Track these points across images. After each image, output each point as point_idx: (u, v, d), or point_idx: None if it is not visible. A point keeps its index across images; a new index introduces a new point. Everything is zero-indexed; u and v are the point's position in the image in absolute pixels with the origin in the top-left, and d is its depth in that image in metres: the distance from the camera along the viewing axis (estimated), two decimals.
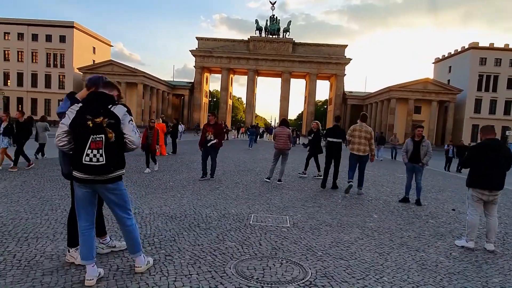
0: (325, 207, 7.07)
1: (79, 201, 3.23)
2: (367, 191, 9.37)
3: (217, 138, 9.56)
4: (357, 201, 7.91)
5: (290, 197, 7.92)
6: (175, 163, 13.33)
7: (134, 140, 3.22)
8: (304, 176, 11.45)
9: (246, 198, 7.45)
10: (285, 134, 9.94)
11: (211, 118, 9.82)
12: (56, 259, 3.77)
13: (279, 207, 6.77)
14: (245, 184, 9.25)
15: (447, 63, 67.36)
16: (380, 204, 7.75)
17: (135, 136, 3.24)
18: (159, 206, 6.38)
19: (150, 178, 9.58)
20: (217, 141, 9.51)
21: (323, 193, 8.72)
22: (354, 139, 8.53)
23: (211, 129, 9.49)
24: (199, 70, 68.42)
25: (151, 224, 5.22)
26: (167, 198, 7.06)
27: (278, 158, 10.15)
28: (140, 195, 7.24)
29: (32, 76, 64.95)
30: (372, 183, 10.89)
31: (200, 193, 7.73)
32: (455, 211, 7.66)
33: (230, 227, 5.27)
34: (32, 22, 64.62)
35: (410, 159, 8.09)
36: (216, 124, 9.72)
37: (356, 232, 5.44)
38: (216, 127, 9.62)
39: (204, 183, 9.09)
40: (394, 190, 9.81)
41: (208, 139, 9.40)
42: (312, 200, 7.68)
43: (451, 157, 19.27)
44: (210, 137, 9.43)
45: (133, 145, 3.24)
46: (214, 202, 6.94)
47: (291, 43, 66.36)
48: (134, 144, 3.24)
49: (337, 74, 66.85)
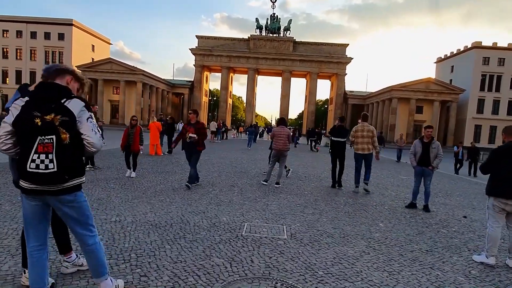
0: (326, 214, 6.49)
1: (27, 216, 2.64)
2: (370, 195, 8.81)
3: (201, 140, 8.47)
4: (360, 207, 7.33)
5: (289, 202, 7.34)
6: (169, 164, 12.76)
7: (94, 142, 2.62)
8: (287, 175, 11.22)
9: (241, 204, 6.87)
10: (285, 134, 9.34)
11: (192, 116, 8.54)
12: (11, 281, 3.19)
13: (275, 214, 6.19)
14: (241, 187, 8.66)
15: (450, 62, 66.62)
16: (386, 211, 7.17)
17: (95, 136, 2.63)
18: (144, 212, 5.80)
19: (139, 179, 9.00)
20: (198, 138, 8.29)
21: (324, 197, 8.14)
22: (357, 139, 8.90)
23: (192, 128, 8.35)
24: (199, 69, 67.78)
25: (131, 235, 4.64)
26: (155, 203, 6.48)
27: (277, 160, 9.58)
28: (126, 200, 6.66)
29: (30, 74, 64.43)
30: (376, 185, 10.30)
31: (191, 198, 7.15)
32: (466, 218, 7.08)
33: (220, 239, 4.69)
34: (31, 19, 64.11)
35: (419, 162, 7.51)
36: (197, 123, 8.50)
37: (361, 244, 4.86)
38: (197, 126, 8.42)
39: (196, 186, 8.52)
40: (399, 194, 9.23)
41: (188, 141, 8.31)
42: (312, 206, 7.10)
43: (461, 160, 18.52)
44: (190, 138, 8.29)
45: (92, 148, 2.63)
46: (205, 208, 6.36)
47: (292, 42, 65.68)
48: (94, 147, 2.64)
49: (338, 74, 66.16)
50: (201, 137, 8.38)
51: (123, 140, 9.82)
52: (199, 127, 8.36)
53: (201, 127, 8.43)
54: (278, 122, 10.02)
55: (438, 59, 72.06)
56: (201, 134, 8.37)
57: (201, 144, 8.43)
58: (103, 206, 6.05)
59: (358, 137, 8.85)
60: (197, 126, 8.38)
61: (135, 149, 9.77)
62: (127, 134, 9.85)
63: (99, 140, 2.67)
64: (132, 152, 9.75)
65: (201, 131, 8.37)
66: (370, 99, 65.45)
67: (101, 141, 2.70)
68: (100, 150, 2.75)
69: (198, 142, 8.32)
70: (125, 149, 9.82)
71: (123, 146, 9.85)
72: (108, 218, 5.36)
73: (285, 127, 9.59)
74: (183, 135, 8.47)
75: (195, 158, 8.51)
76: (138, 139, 9.83)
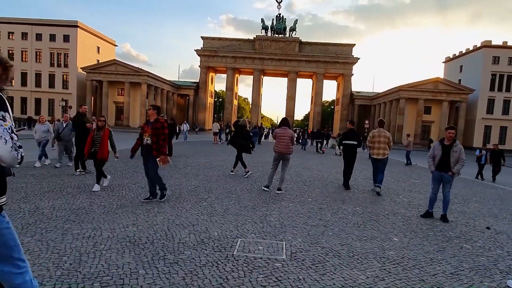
0: (332, 226, 5.75)
1: None
2: (381, 202, 8.06)
3: (155, 144, 6.55)
4: (371, 217, 6.57)
5: (290, 211, 6.60)
6: (166, 167, 12.04)
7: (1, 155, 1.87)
8: (232, 174, 11.13)
9: (236, 214, 6.15)
10: (287, 136, 8.57)
11: (151, 113, 6.75)
12: None
13: (274, 227, 5.46)
14: (239, 194, 7.94)
15: (458, 62, 65.32)
16: (399, 221, 6.41)
17: (3, 147, 1.87)
18: (124, 226, 5.11)
19: (130, 185, 8.32)
20: (159, 155, 6.55)
21: (330, 205, 7.39)
22: (374, 144, 9.23)
23: (149, 128, 6.67)
24: (204, 70, 67.25)
25: (102, 255, 3.95)
26: (140, 214, 5.79)
27: (278, 164, 8.84)
28: (109, 209, 5.98)
29: (36, 76, 64.39)
30: (386, 191, 9.53)
31: (181, 207, 6.44)
32: (490, 229, 6.30)
33: (206, 260, 3.98)
34: (36, 21, 64.08)
35: (438, 166, 6.74)
36: (156, 122, 6.69)
37: (374, 266, 4.12)
38: (154, 126, 6.62)
39: (191, 193, 7.82)
40: (412, 201, 8.46)
41: (145, 143, 6.68)
42: (316, 216, 6.36)
43: (483, 164, 16.77)
44: (147, 141, 6.66)
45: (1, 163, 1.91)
46: (195, 219, 5.65)
47: (298, 42, 64.85)
48: (3, 160, 1.89)
49: (345, 74, 65.19)
50: (159, 140, 6.58)
51: (87, 146, 7.83)
52: (156, 127, 6.61)
53: (159, 126, 6.62)
54: (280, 123, 9.18)
55: (447, 59, 70.80)
56: (158, 136, 6.59)
57: (157, 148, 6.58)
58: (81, 218, 5.37)
59: (375, 142, 9.21)
60: (155, 125, 6.63)
61: (103, 156, 7.84)
62: (92, 139, 7.89)
63: (10, 152, 1.89)
64: (98, 160, 7.84)
65: (159, 132, 6.59)
66: (377, 99, 64.37)
67: (13, 153, 1.90)
68: (15, 165, 1.95)
69: (153, 146, 6.61)
70: (90, 156, 7.89)
71: (87, 153, 7.88)
72: (82, 232, 4.68)
73: (288, 128, 8.79)
74: (141, 137, 6.86)
75: (153, 166, 6.72)
76: (106, 144, 7.88)
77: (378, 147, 9.14)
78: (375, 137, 9.20)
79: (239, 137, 11.10)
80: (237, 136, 11.19)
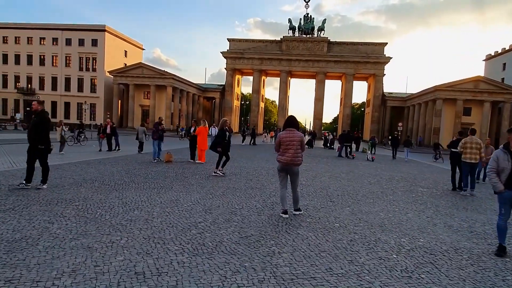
0: (369, 276, 3.85)
1: None
2: (432, 226, 6.05)
3: None
4: (423, 259, 4.61)
5: (309, 247, 4.73)
6: (167, 177, 10.45)
7: None
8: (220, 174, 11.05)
9: (230, 252, 4.35)
10: (296, 140, 6.33)
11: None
12: None
13: (281, 280, 3.62)
14: (243, 217, 6.13)
15: (501, 59, 60.81)
16: (468, 265, 4.40)
17: None
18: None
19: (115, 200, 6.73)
20: None
21: (366, 235, 5.47)
22: (466, 149, 10.10)
23: None
24: (230, 72, 66.12)
25: None
26: (95, 250, 4.12)
27: (286, 176, 6.56)
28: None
29: (65, 80, 65.45)
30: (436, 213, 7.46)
31: (163, 233, 4.72)
32: None
33: None
34: (66, 26, 65.21)
35: (507, 183, 4.73)
36: None
37: None
38: None
39: (182, 215, 6.12)
40: (473, 227, 6.38)
41: None
42: (346, 257, 4.46)
43: None
44: None
45: None
46: (167, 263, 3.92)
47: (326, 42, 62.47)
48: None
49: (376, 74, 62.10)
50: None
51: None
52: None
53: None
54: (285, 123, 6.64)
55: (487, 57, 66.31)
56: None
57: None
58: None
59: (467, 148, 10.09)
60: None
61: None
62: None
63: None
64: None
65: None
66: (411, 100, 60.82)
67: None
68: None
69: None
70: None
71: None
72: None
73: (297, 130, 6.48)
74: None
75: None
76: None
77: (470, 152, 10.01)
78: (467, 143, 10.11)
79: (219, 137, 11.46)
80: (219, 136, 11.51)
